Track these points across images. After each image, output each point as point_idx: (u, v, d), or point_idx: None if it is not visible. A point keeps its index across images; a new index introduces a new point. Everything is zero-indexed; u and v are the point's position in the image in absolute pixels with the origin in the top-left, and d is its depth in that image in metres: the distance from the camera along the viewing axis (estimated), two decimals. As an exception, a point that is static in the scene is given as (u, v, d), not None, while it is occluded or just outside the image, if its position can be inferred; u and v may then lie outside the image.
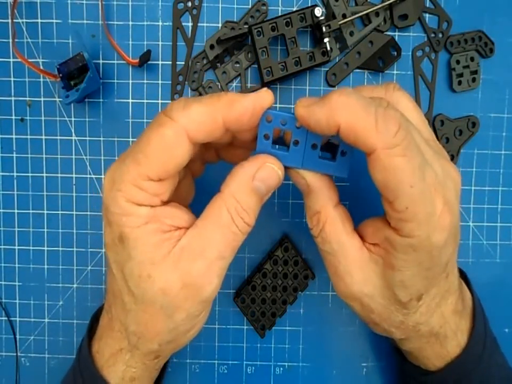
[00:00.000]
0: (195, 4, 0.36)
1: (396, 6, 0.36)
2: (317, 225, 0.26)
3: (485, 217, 0.38)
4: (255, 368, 0.38)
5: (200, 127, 0.24)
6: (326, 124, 0.23)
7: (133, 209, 0.24)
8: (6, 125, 0.37)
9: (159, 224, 0.24)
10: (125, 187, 0.24)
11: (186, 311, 0.25)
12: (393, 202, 0.23)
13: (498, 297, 0.38)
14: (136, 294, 0.25)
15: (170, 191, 0.26)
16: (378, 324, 0.28)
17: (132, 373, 0.28)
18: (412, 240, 0.24)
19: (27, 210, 0.37)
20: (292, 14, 0.34)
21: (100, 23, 0.36)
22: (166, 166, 0.24)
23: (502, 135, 0.38)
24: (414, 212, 0.23)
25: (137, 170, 0.24)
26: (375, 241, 0.26)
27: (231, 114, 0.24)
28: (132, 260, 0.24)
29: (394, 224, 0.24)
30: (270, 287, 0.37)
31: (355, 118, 0.22)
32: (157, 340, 0.26)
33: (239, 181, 0.25)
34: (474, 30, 0.37)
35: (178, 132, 0.23)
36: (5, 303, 0.38)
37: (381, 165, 0.22)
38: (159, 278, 0.24)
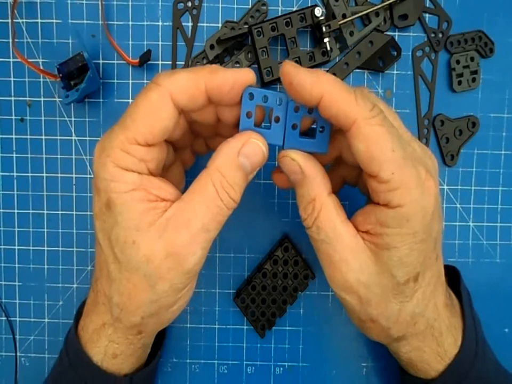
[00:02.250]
0: (195, 4, 0.36)
1: (396, 6, 0.36)
2: (311, 213, 0.27)
3: (485, 217, 0.38)
4: (255, 368, 0.38)
5: (183, 90, 0.25)
6: (309, 90, 0.24)
7: (121, 174, 0.25)
8: (6, 125, 0.37)
9: (145, 192, 0.25)
10: (113, 152, 0.25)
11: (169, 282, 0.25)
12: (379, 172, 0.24)
13: (498, 297, 0.38)
14: (121, 261, 0.25)
15: (157, 160, 0.26)
16: (376, 320, 0.27)
17: (114, 349, 0.28)
18: (403, 209, 0.24)
19: (27, 210, 0.37)
20: (292, 14, 0.34)
21: (100, 23, 0.36)
22: (152, 128, 0.25)
23: (502, 135, 0.38)
24: (400, 177, 0.24)
25: (125, 134, 0.25)
26: (366, 228, 0.26)
27: (212, 81, 0.25)
28: (118, 225, 0.25)
29: (383, 199, 0.25)
30: (270, 287, 0.37)
31: (338, 91, 0.24)
32: (139, 312, 0.26)
33: (225, 156, 0.25)
34: (474, 30, 0.37)
35: (163, 94, 0.25)
36: (5, 303, 0.38)
37: (362, 134, 0.24)
38: (144, 245, 0.25)
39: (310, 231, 0.27)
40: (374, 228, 0.26)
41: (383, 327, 0.28)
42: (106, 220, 0.26)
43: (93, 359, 0.29)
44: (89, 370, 0.29)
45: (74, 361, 0.29)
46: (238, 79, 0.25)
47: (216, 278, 0.38)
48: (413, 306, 0.27)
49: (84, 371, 0.29)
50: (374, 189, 0.25)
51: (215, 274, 0.38)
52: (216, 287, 0.38)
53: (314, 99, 0.24)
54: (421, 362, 0.30)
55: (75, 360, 0.29)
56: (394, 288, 0.26)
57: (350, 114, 0.24)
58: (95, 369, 0.29)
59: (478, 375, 0.30)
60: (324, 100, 0.24)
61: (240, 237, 0.38)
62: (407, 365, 0.32)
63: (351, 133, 0.24)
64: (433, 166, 0.27)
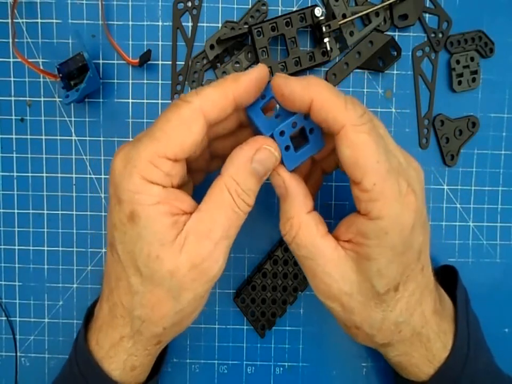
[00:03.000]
0: (195, 4, 0.36)
1: (396, 6, 0.36)
2: (290, 231, 0.27)
3: (485, 217, 0.38)
4: (255, 368, 0.38)
5: (213, 104, 0.25)
6: (300, 96, 0.25)
7: (147, 187, 0.25)
8: (6, 125, 0.37)
9: (169, 206, 0.25)
10: (140, 164, 0.25)
11: (193, 292, 0.26)
12: (362, 180, 0.24)
13: (498, 297, 0.38)
14: (144, 274, 0.25)
15: (180, 176, 0.26)
16: (360, 326, 0.28)
17: (133, 361, 0.28)
18: (382, 222, 0.25)
19: (27, 210, 0.37)
20: (292, 14, 0.34)
21: (100, 23, 0.36)
22: (183, 143, 0.25)
23: (502, 135, 0.38)
24: (382, 189, 0.24)
25: (155, 147, 0.25)
26: (348, 237, 0.27)
27: (239, 87, 0.26)
28: (142, 239, 0.25)
29: (364, 208, 0.25)
30: (270, 287, 0.37)
31: (328, 96, 0.25)
32: (162, 323, 0.27)
33: (238, 164, 0.26)
34: (474, 30, 0.37)
35: (195, 110, 0.25)
36: (5, 303, 0.38)
37: (349, 140, 0.24)
38: (168, 260, 0.25)
39: (291, 247, 0.28)
40: (355, 238, 0.26)
41: (367, 333, 0.28)
42: (128, 231, 0.25)
43: (111, 374, 0.28)
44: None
45: (85, 372, 0.29)
46: (259, 75, 0.26)
47: (216, 278, 0.38)
48: (396, 315, 0.27)
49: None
50: (356, 196, 0.26)
51: (215, 274, 0.38)
52: (216, 287, 0.38)
53: (305, 105, 0.25)
54: (410, 366, 0.30)
55: (86, 372, 0.29)
56: (375, 297, 0.27)
57: (339, 119, 0.24)
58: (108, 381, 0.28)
59: (470, 379, 0.30)
60: (314, 105, 0.25)
61: (240, 237, 0.37)
62: (397, 367, 0.32)
63: (339, 137, 0.25)
64: (417, 178, 0.27)
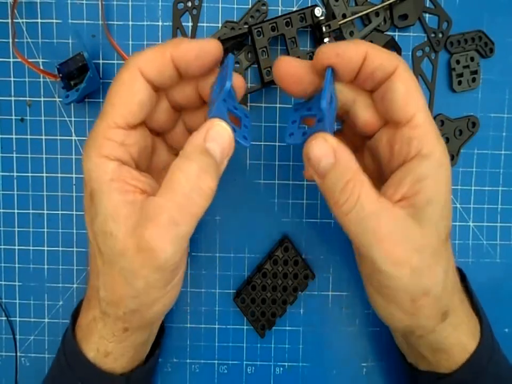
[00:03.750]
0: (195, 4, 0.36)
1: (396, 6, 0.36)
2: (352, 192, 0.25)
3: (485, 217, 0.38)
4: (255, 368, 0.38)
5: (150, 63, 0.26)
6: (355, 51, 0.26)
7: (102, 163, 0.25)
8: (6, 125, 0.37)
9: (124, 183, 0.25)
10: (95, 141, 0.25)
11: (144, 279, 0.25)
12: (415, 115, 0.26)
13: (498, 297, 0.38)
14: (103, 253, 0.26)
15: (139, 146, 0.27)
16: (429, 291, 0.26)
17: (105, 346, 0.28)
18: (436, 154, 0.26)
19: (27, 210, 0.37)
20: (292, 14, 0.34)
21: (100, 23, 0.36)
22: (128, 106, 0.25)
23: (502, 135, 0.38)
24: (430, 123, 0.26)
25: (105, 120, 0.25)
26: (400, 194, 0.26)
27: (177, 50, 0.25)
28: (98, 216, 0.25)
29: (416, 145, 0.26)
30: (270, 287, 0.37)
31: (378, 48, 0.26)
32: (122, 306, 0.26)
33: (192, 144, 0.25)
34: (474, 30, 0.37)
35: (132, 70, 0.25)
36: (5, 303, 0.38)
37: (404, 76, 0.26)
38: (119, 237, 0.24)
39: (351, 214, 0.25)
40: (411, 188, 0.26)
41: (436, 298, 0.26)
42: (90, 211, 0.26)
43: (87, 356, 0.29)
44: (85, 369, 0.29)
45: (71, 360, 0.29)
46: (203, 47, 0.26)
47: (216, 278, 0.38)
48: (451, 269, 0.28)
49: (80, 370, 0.29)
50: (406, 138, 0.26)
51: (215, 274, 0.38)
52: (216, 287, 0.38)
53: (360, 57, 0.26)
54: (456, 346, 0.29)
55: (71, 359, 0.29)
56: (439, 247, 0.26)
57: (394, 61, 0.26)
58: (90, 368, 0.29)
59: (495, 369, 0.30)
60: (369, 55, 0.26)
61: (240, 237, 0.38)
62: (439, 355, 0.30)
63: (394, 76, 0.26)
64: None
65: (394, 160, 0.27)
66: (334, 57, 0.26)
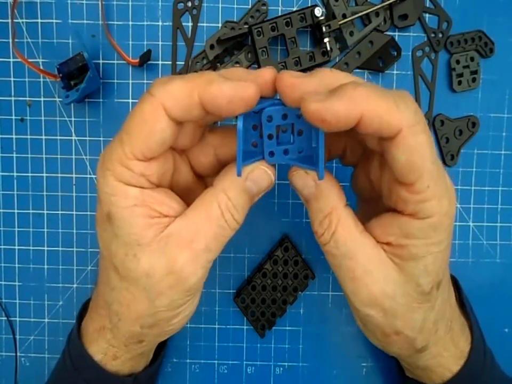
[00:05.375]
0: (195, 4, 0.36)
1: (396, 6, 0.36)
2: (328, 228, 0.25)
3: (485, 217, 0.38)
4: (255, 368, 0.38)
5: (177, 101, 0.23)
6: (345, 115, 0.21)
7: (122, 188, 0.24)
8: (6, 125, 0.37)
9: (147, 209, 0.25)
10: (112, 166, 0.24)
11: (169, 298, 0.25)
12: (415, 183, 0.23)
13: (498, 297, 0.38)
14: (121, 272, 0.25)
15: (159, 173, 0.26)
16: (401, 331, 0.26)
17: (114, 352, 0.28)
18: (432, 220, 0.24)
19: (27, 210, 0.37)
20: (292, 14, 0.34)
21: (100, 23, 0.36)
22: (147, 142, 0.24)
23: (502, 135, 0.38)
24: (434, 189, 0.23)
25: (122, 148, 0.24)
26: (387, 239, 0.25)
27: (206, 93, 0.22)
28: (118, 239, 0.25)
29: (412, 209, 0.24)
30: (270, 287, 0.37)
31: (378, 104, 0.22)
32: (138, 323, 0.26)
33: (232, 179, 0.25)
34: (474, 30, 0.37)
35: (156, 106, 0.23)
36: (5, 303, 0.38)
37: (406, 145, 0.22)
38: (145, 259, 0.24)
39: (328, 247, 0.26)
40: (397, 240, 0.25)
41: (408, 338, 0.26)
42: (107, 229, 0.25)
43: (94, 358, 0.29)
44: (91, 370, 0.29)
45: (76, 362, 0.29)
46: (237, 94, 0.22)
47: (216, 278, 0.38)
48: (435, 314, 0.27)
49: (86, 372, 0.29)
50: (403, 198, 0.24)
51: (215, 274, 0.38)
52: (216, 287, 0.38)
53: (351, 122, 0.22)
54: (438, 368, 0.29)
55: (77, 361, 0.29)
56: (419, 298, 0.25)
57: (394, 123, 0.22)
58: (97, 370, 0.29)
59: (490, 373, 0.30)
60: (364, 119, 0.22)
61: (240, 237, 0.37)
62: (421, 372, 0.31)
63: (394, 143, 0.22)
64: None
65: (391, 199, 0.25)
66: (320, 122, 0.22)
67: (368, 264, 0.25)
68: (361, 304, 0.26)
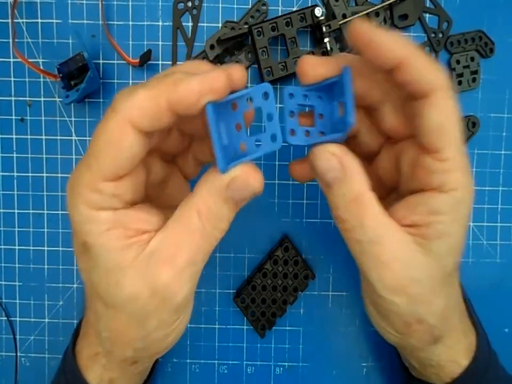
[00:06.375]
0: (195, 3, 0.36)
1: (396, 6, 0.36)
2: (356, 212, 0.24)
3: (485, 217, 0.38)
4: (255, 368, 0.38)
5: (142, 112, 0.22)
6: (392, 49, 0.22)
7: (94, 215, 0.23)
8: (6, 125, 0.37)
9: (123, 229, 0.23)
10: (82, 192, 0.23)
11: (157, 319, 0.24)
12: (442, 149, 0.23)
13: (498, 297, 0.38)
14: (105, 301, 0.24)
15: (132, 190, 0.24)
16: (423, 319, 0.25)
17: (110, 375, 0.28)
18: (457, 193, 0.23)
19: (27, 210, 0.37)
20: (291, 14, 0.34)
21: (100, 23, 0.36)
22: (116, 162, 0.22)
23: (502, 135, 0.38)
24: (460, 160, 0.23)
25: (90, 173, 0.22)
26: (411, 220, 0.24)
27: (173, 96, 0.21)
28: (98, 268, 0.23)
29: (437, 180, 0.23)
30: (270, 287, 0.37)
31: (421, 56, 0.22)
32: (131, 347, 0.25)
33: (212, 188, 0.23)
34: (474, 30, 0.37)
35: (120, 122, 0.22)
36: (5, 303, 0.38)
37: (441, 105, 0.22)
38: (128, 284, 0.23)
39: (353, 233, 0.24)
40: (423, 218, 0.24)
41: (429, 326, 0.26)
42: (86, 260, 0.24)
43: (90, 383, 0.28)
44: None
45: (71, 381, 0.29)
46: (206, 86, 0.21)
47: (216, 278, 0.38)
48: (454, 298, 0.26)
49: None
50: (428, 169, 0.23)
51: (215, 274, 0.38)
52: (216, 287, 0.38)
53: (393, 60, 0.22)
54: (449, 362, 0.29)
55: (72, 381, 0.28)
56: (442, 280, 0.25)
57: (432, 81, 0.22)
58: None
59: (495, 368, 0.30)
60: (406, 62, 0.22)
61: (240, 237, 0.38)
62: (430, 370, 0.30)
63: (428, 100, 0.22)
64: None
65: (414, 182, 0.25)
66: (365, 42, 0.22)
67: (395, 248, 0.24)
68: (386, 291, 0.24)
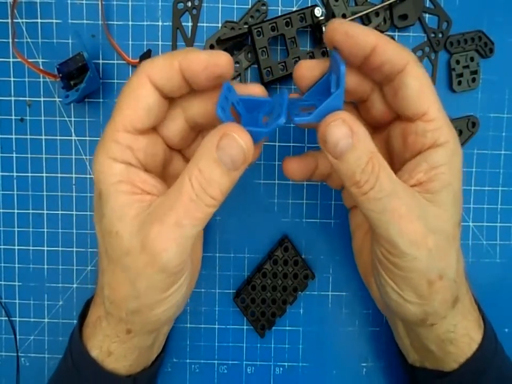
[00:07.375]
0: (195, 3, 0.36)
1: (396, 6, 0.36)
2: (372, 171, 0.25)
3: (485, 217, 0.38)
4: (255, 368, 0.38)
5: (159, 70, 0.26)
6: (364, 38, 0.25)
7: (109, 165, 0.26)
8: (6, 125, 0.37)
9: (131, 185, 0.26)
10: (103, 143, 0.26)
11: (146, 279, 0.25)
12: (428, 109, 0.26)
13: (498, 297, 0.38)
14: (108, 252, 0.26)
15: (146, 151, 0.27)
16: (444, 274, 0.26)
17: (108, 345, 0.29)
18: (450, 144, 0.26)
19: (27, 210, 0.37)
20: (291, 14, 0.34)
21: (100, 23, 0.36)
22: (135, 110, 0.26)
23: (502, 135, 0.38)
24: (443, 116, 0.27)
25: (113, 124, 0.26)
26: (416, 179, 0.27)
27: (184, 60, 0.25)
28: (105, 216, 0.26)
29: (431, 137, 0.26)
30: (270, 287, 0.37)
31: (389, 40, 0.26)
32: (123, 307, 0.27)
33: (203, 151, 0.24)
34: (474, 30, 0.37)
35: (140, 77, 0.26)
36: (5, 303, 0.38)
37: (416, 72, 0.26)
38: (126, 236, 0.25)
39: (372, 192, 0.25)
40: (426, 174, 0.26)
41: (450, 282, 0.27)
42: (98, 209, 0.26)
43: (90, 354, 0.29)
44: (89, 369, 0.29)
45: (76, 360, 0.30)
46: (212, 59, 0.25)
47: (216, 278, 0.38)
48: (460, 255, 0.28)
49: (85, 370, 0.29)
50: (421, 131, 0.27)
51: (215, 274, 0.38)
52: (216, 287, 0.38)
53: (369, 46, 0.25)
54: (462, 337, 0.29)
55: (77, 359, 0.30)
56: (453, 232, 0.27)
57: (404, 56, 0.26)
58: (95, 367, 0.29)
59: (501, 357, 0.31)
60: (379, 46, 0.25)
61: (240, 237, 0.38)
62: (449, 347, 0.30)
63: (405, 72, 0.26)
64: None
65: (408, 151, 0.28)
66: (342, 35, 0.26)
67: (410, 202, 0.25)
68: (409, 243, 0.25)
